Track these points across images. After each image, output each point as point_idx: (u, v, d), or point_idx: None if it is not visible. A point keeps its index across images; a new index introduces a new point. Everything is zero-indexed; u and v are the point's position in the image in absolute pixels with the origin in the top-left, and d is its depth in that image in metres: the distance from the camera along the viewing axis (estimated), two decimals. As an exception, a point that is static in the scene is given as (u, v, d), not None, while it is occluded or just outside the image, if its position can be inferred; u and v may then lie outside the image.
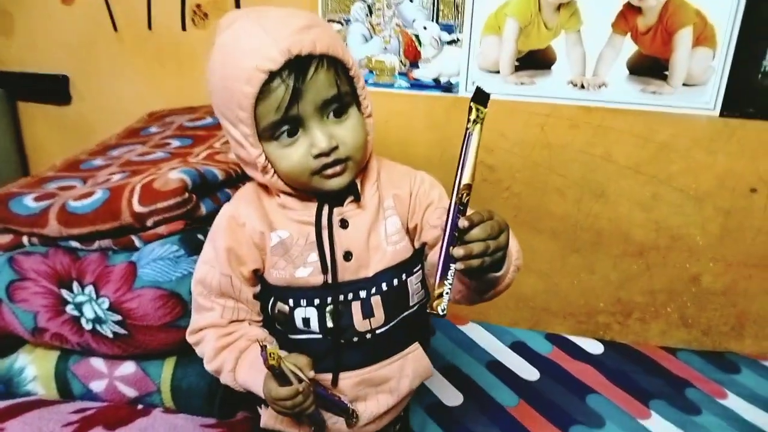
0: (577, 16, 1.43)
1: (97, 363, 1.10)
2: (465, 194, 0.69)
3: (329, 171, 0.77)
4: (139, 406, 1.10)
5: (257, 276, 0.85)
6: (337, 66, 0.76)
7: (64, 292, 1.05)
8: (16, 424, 1.00)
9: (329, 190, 0.79)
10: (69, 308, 1.04)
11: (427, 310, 0.67)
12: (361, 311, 0.84)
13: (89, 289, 1.03)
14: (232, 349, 0.83)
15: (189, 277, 1.00)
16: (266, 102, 0.72)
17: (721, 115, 1.43)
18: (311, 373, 0.74)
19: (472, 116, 0.70)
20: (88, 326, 1.03)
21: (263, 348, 0.70)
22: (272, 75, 0.71)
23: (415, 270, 0.89)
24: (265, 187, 0.86)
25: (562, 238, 1.64)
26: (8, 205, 1.11)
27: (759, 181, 1.47)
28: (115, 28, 1.76)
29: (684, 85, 1.43)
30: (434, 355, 1.56)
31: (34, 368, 1.13)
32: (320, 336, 0.84)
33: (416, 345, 0.93)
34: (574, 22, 1.44)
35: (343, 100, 0.77)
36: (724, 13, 1.35)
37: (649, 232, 1.58)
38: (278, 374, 0.73)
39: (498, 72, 1.52)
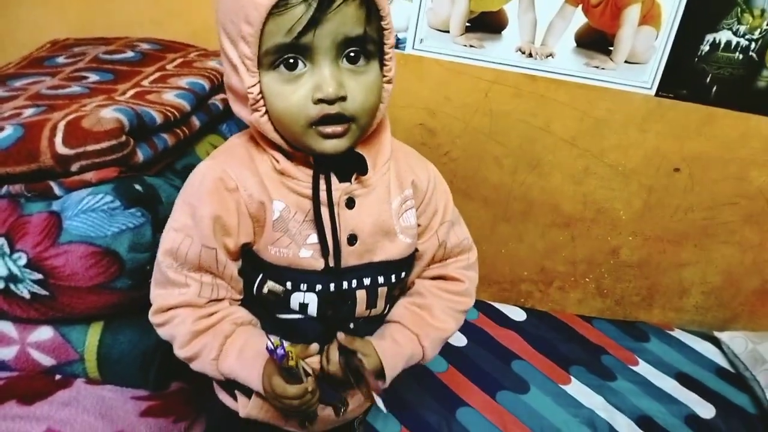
0: (533, -19, 1.40)
1: (6, 327, 0.94)
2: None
3: (328, 128, 0.65)
4: (57, 377, 0.96)
5: (243, 250, 0.73)
6: (371, 6, 0.64)
7: (-32, 245, 0.88)
8: None
9: (322, 152, 0.67)
10: (-26, 264, 0.88)
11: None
12: (366, 301, 0.76)
13: (1, 241, 0.87)
14: (215, 333, 0.71)
15: (127, 233, 0.88)
16: (279, 19, 0.60)
17: (657, 94, 1.48)
18: (314, 347, 0.67)
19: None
20: (-1, 285, 0.88)
21: (278, 346, 0.61)
22: None
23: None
24: (257, 146, 0.72)
25: (494, 207, 1.65)
26: None
27: (682, 161, 1.55)
28: (10, -63, 1.50)
29: (626, 62, 1.45)
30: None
31: None
32: (314, 318, 0.74)
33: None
34: (528, -13, 1.41)
35: (366, 47, 0.65)
36: (671, -6, 1.38)
37: (577, 204, 1.63)
38: (292, 373, 0.64)
39: (447, 31, 1.47)
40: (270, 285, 0.72)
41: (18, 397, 0.88)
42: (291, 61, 0.63)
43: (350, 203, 0.72)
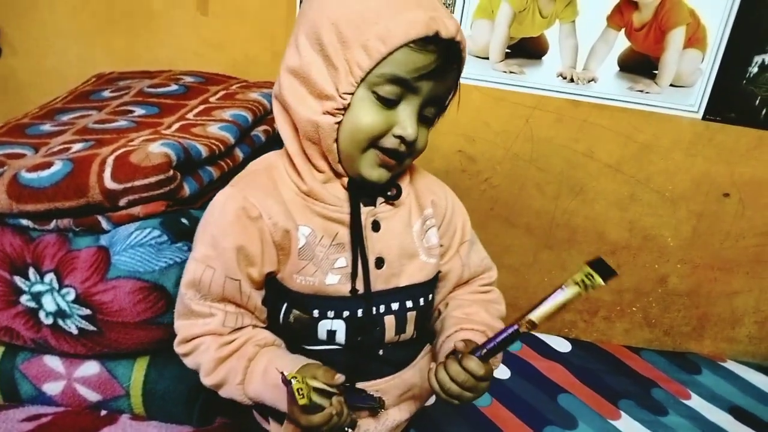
0: (574, 6, 1.38)
1: (53, 362, 0.94)
2: (524, 325, 0.68)
3: (387, 158, 0.68)
4: (103, 412, 0.95)
5: (267, 279, 0.72)
6: (458, 76, 0.70)
7: (18, 280, 0.88)
8: (-45, 434, 0.84)
9: (368, 178, 0.69)
10: (24, 299, 0.88)
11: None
12: (395, 326, 0.75)
13: (50, 276, 0.87)
14: (239, 357, 0.69)
15: (174, 268, 0.88)
16: (412, 55, 0.63)
17: (704, 118, 1.44)
18: (340, 378, 0.65)
19: (578, 278, 0.67)
20: (47, 320, 0.88)
21: (288, 383, 0.59)
22: (435, 38, 0.62)
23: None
24: (280, 170, 0.72)
25: (537, 234, 1.61)
26: (-59, 172, 0.93)
27: (732, 186, 1.50)
28: (59, -24, 1.55)
29: (671, 85, 1.42)
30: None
31: (-31, 366, 0.96)
32: (341, 348, 0.73)
33: (428, 347, 0.86)
34: (569, 12, 1.39)
35: (441, 110, 0.71)
36: (717, 16, 1.35)
37: (623, 232, 1.58)
38: (310, 408, 0.63)
39: (487, 58, 1.45)
40: (295, 314, 0.71)
41: (64, 433, 0.88)
42: (392, 98, 0.65)
43: (376, 226, 0.72)
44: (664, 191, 1.52)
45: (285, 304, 0.71)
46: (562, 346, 1.63)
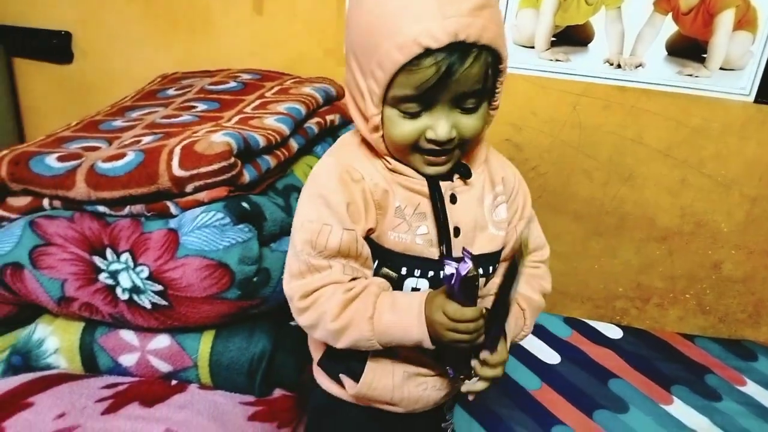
0: (619, -7, 1.39)
1: (128, 336, 1.03)
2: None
3: (431, 158, 0.73)
4: (173, 382, 1.04)
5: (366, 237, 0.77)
6: (492, 59, 0.69)
7: (97, 260, 0.97)
8: (46, 398, 0.93)
9: (424, 173, 0.75)
10: (102, 276, 0.97)
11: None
12: None
13: (125, 256, 0.96)
14: (366, 294, 0.73)
15: (236, 247, 0.95)
16: (410, 76, 0.66)
17: (756, 101, 1.42)
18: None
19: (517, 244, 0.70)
20: (124, 296, 0.96)
21: (461, 260, 0.63)
22: (427, 52, 0.64)
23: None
24: (367, 147, 0.78)
25: (586, 221, 1.62)
26: (29, 164, 1.03)
27: (788, 169, 1.47)
28: (125, -17, 1.66)
29: (721, 69, 1.41)
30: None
31: (55, 340, 1.05)
32: None
33: None
34: (615, -1, 1.40)
35: (482, 96, 0.71)
36: (769, -3, 1.34)
37: (674, 218, 1.58)
38: (468, 291, 0.66)
39: (533, 47, 1.48)
40: (384, 271, 0.77)
41: (140, 400, 0.96)
42: (413, 111, 0.69)
43: (453, 199, 0.77)
44: (716, 176, 1.51)
45: (376, 262, 0.77)
46: (614, 332, 1.63)
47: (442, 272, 0.72)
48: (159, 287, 0.94)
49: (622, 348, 1.57)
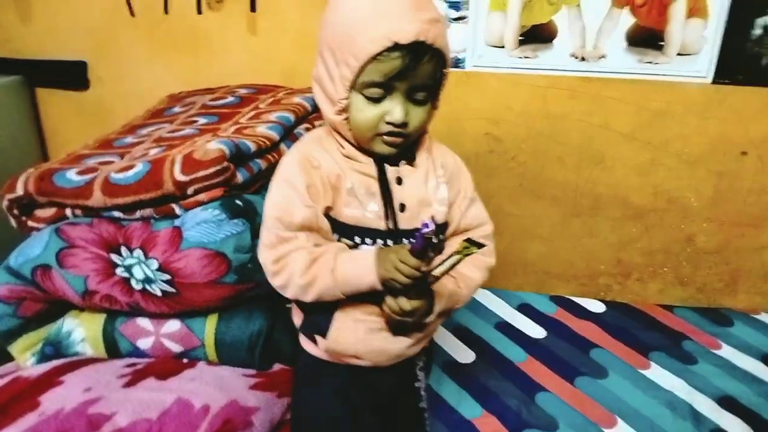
0: (577, -8, 1.51)
1: (144, 322, 1.19)
2: (430, 276, 0.85)
3: (389, 139, 0.87)
4: (185, 360, 1.19)
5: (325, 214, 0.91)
6: (441, 63, 0.85)
7: (114, 257, 1.13)
8: (74, 377, 1.09)
9: (380, 153, 0.89)
10: (119, 271, 1.12)
11: None
12: None
13: (137, 252, 1.11)
14: (328, 252, 0.87)
15: (232, 238, 1.09)
16: (378, 65, 0.81)
17: (714, 82, 1.53)
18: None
19: (459, 248, 0.81)
20: (137, 286, 1.12)
21: (429, 223, 0.77)
22: (396, 46, 0.79)
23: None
24: (327, 138, 0.94)
25: (564, 204, 1.74)
26: (52, 179, 1.18)
27: (749, 144, 1.57)
28: (132, 13, 1.82)
29: (678, 54, 1.52)
30: (446, 319, 1.66)
31: (81, 331, 1.21)
32: None
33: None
34: (573, -2, 1.52)
35: (430, 92, 0.87)
36: (715, -15, 1.44)
37: (647, 196, 1.68)
38: (424, 249, 0.79)
39: (503, 47, 1.60)
40: (344, 242, 0.91)
41: (155, 375, 1.11)
42: (376, 96, 0.85)
43: (399, 181, 0.92)
44: (682, 154, 1.61)
45: (336, 235, 0.92)
46: (597, 307, 1.72)
47: (389, 241, 0.90)
48: (167, 276, 1.09)
49: (604, 321, 1.67)
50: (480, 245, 0.82)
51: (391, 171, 0.92)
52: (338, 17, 0.85)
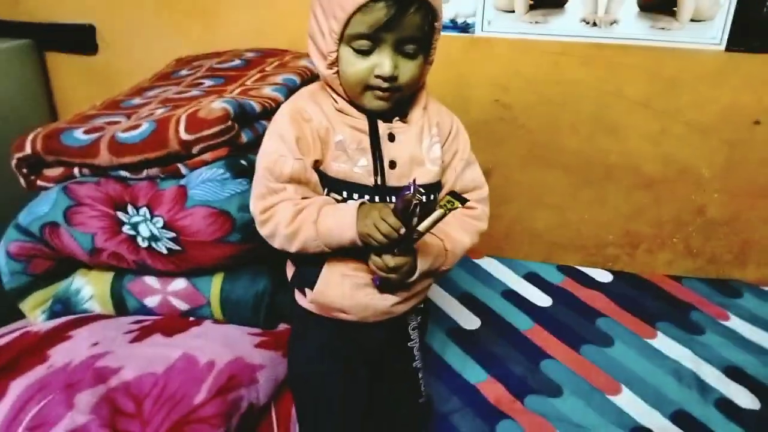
0: (590, -45, 1.48)
1: (151, 280, 1.20)
2: (415, 232, 0.84)
3: (379, 92, 0.87)
4: (191, 318, 1.20)
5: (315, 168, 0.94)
6: (430, 14, 0.85)
7: (120, 214, 1.13)
8: (83, 332, 1.10)
9: (371, 108, 0.89)
10: (125, 228, 1.13)
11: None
12: None
13: (143, 210, 1.12)
14: (312, 205, 0.88)
15: (236, 197, 1.10)
16: (365, 15, 0.81)
17: (727, 49, 1.50)
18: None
19: (442, 203, 0.82)
20: (144, 244, 1.12)
21: (410, 185, 0.78)
22: None
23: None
24: (321, 92, 0.95)
25: (574, 173, 1.72)
26: (60, 138, 1.19)
27: (763, 113, 1.54)
28: (141, -23, 1.81)
29: (692, 20, 1.49)
30: (451, 285, 1.66)
31: (90, 288, 1.22)
32: None
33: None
34: (587, -39, 1.49)
35: (420, 43, 0.86)
36: (732, -51, 1.41)
37: (658, 165, 1.66)
38: (405, 210, 0.79)
39: (513, 11, 1.58)
40: (332, 196, 0.92)
41: (162, 332, 1.13)
42: (365, 48, 0.85)
43: (391, 138, 0.92)
44: (694, 123, 1.59)
45: (325, 189, 0.93)
46: (605, 277, 1.72)
47: (377, 197, 0.90)
48: (172, 234, 1.10)
49: (612, 290, 1.66)
50: (464, 200, 0.82)
51: (383, 127, 0.92)
52: None
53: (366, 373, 1.03)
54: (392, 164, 0.91)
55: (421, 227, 0.83)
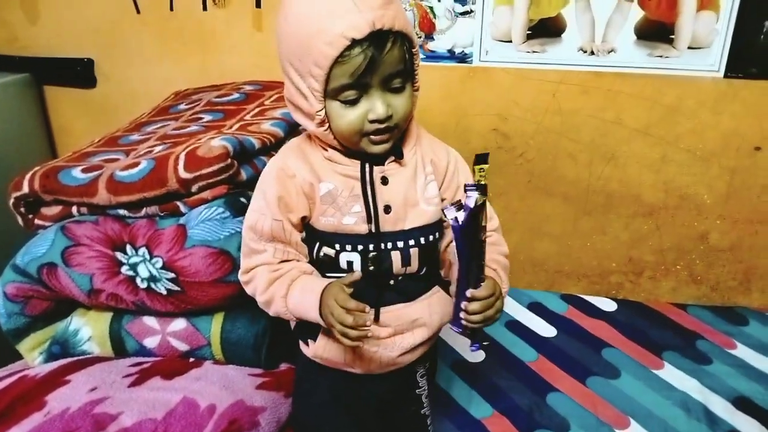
0: (586, -15, 1.49)
1: (150, 321, 1.18)
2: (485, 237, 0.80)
3: (377, 137, 0.84)
4: (191, 359, 1.18)
5: (303, 223, 0.91)
6: (406, 44, 0.82)
7: (119, 255, 1.12)
8: (81, 376, 1.08)
9: (372, 153, 0.87)
10: (124, 269, 1.11)
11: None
12: (401, 260, 0.91)
13: (142, 250, 1.10)
14: (284, 277, 0.88)
15: (236, 236, 1.08)
16: (343, 66, 0.78)
17: (726, 76, 1.50)
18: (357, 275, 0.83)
19: (477, 179, 0.79)
20: (143, 285, 1.11)
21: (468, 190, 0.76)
22: (354, 43, 0.76)
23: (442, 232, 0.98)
24: (309, 143, 0.93)
25: (574, 202, 1.72)
26: (58, 177, 1.18)
27: (763, 140, 1.54)
28: (137, 11, 1.82)
29: (689, 48, 1.50)
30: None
31: (88, 329, 1.20)
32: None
33: (438, 288, 1.01)
34: (583, -9, 1.50)
35: (405, 76, 0.84)
36: (727, -22, 1.42)
37: (658, 193, 1.66)
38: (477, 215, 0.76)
39: (510, 41, 1.58)
40: (324, 249, 0.90)
41: (161, 374, 1.10)
42: (352, 98, 0.82)
43: (384, 181, 0.90)
44: (694, 150, 1.59)
45: (317, 243, 0.91)
46: (609, 305, 1.70)
47: (371, 246, 0.88)
48: (172, 275, 1.08)
49: (616, 319, 1.65)
50: (486, 156, 0.79)
51: (376, 170, 0.89)
52: (290, 28, 0.81)
53: (376, 421, 1.00)
54: (387, 209, 0.89)
55: (483, 223, 0.79)
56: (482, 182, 0.78)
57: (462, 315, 0.84)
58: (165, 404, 1.01)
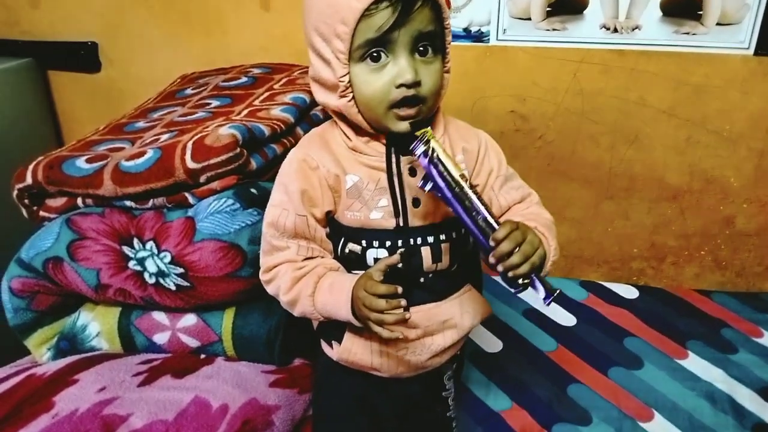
0: (610, -42, 1.42)
1: (160, 316, 1.14)
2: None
3: (403, 111, 0.79)
4: (202, 356, 1.15)
5: (328, 218, 0.87)
6: (437, 10, 0.78)
7: (126, 249, 1.08)
8: (89, 375, 1.05)
9: (397, 131, 0.80)
10: (131, 264, 1.08)
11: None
12: (431, 256, 0.86)
13: (150, 244, 1.06)
14: (311, 275, 0.84)
15: (246, 229, 1.04)
16: (369, 20, 0.74)
17: (756, 53, 1.43)
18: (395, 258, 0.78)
19: (423, 142, 0.76)
20: (151, 280, 1.07)
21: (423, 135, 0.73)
22: None
23: None
24: (332, 132, 0.88)
25: (596, 185, 1.66)
26: (61, 167, 1.14)
27: (794, 120, 1.47)
28: (142, -7, 1.76)
29: (718, 24, 1.42)
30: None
31: (96, 325, 1.17)
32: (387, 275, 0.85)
33: (469, 286, 0.96)
34: (607, -35, 1.42)
35: (435, 42, 0.79)
36: (761, -51, 1.34)
37: (683, 176, 1.60)
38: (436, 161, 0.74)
39: (529, 19, 1.51)
40: (350, 246, 0.86)
41: (172, 372, 1.07)
42: (375, 54, 0.77)
43: (412, 172, 0.84)
44: (722, 131, 1.52)
45: (342, 239, 0.87)
46: (630, 293, 1.66)
47: (400, 241, 0.84)
48: (181, 270, 1.04)
49: (638, 307, 1.60)
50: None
51: (403, 161, 0.84)
52: None
53: (400, 425, 0.97)
54: (415, 202, 0.84)
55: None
56: (426, 138, 0.76)
57: (500, 268, 0.75)
58: (176, 404, 0.98)
